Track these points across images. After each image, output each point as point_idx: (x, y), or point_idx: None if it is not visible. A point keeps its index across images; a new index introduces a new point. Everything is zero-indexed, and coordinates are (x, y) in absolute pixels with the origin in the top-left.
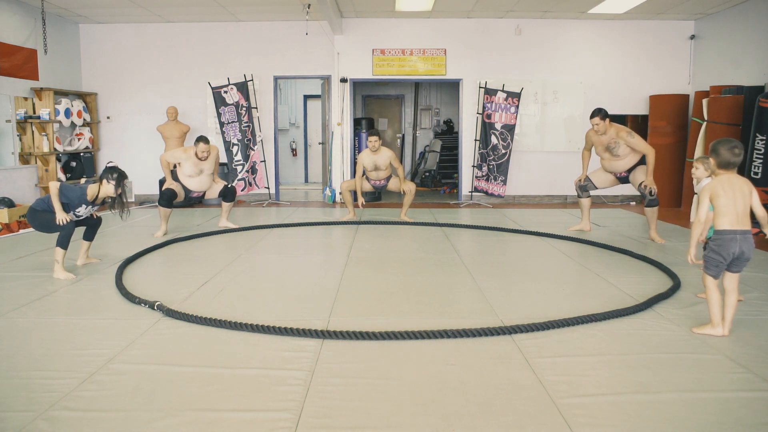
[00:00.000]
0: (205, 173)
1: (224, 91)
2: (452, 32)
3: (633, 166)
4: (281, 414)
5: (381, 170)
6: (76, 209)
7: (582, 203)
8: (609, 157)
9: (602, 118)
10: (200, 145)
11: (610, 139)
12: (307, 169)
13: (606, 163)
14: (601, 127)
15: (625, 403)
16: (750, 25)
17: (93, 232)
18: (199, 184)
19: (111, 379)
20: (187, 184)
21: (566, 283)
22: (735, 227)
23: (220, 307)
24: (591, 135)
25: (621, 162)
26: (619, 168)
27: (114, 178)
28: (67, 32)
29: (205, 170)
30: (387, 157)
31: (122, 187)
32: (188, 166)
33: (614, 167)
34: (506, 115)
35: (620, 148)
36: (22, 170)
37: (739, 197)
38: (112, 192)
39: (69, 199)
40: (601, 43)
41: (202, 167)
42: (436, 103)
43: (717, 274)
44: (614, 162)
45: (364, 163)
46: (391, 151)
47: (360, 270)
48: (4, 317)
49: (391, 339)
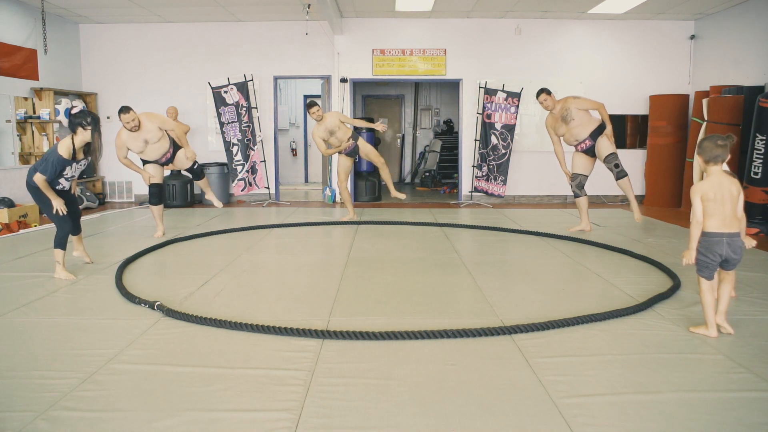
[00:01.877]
0: (152, 141)
1: (224, 91)
2: (452, 32)
3: (594, 132)
4: (281, 414)
5: (337, 133)
6: (63, 173)
7: (579, 203)
8: (567, 129)
9: (547, 94)
10: (121, 116)
11: (562, 109)
12: (307, 169)
13: (568, 136)
14: (549, 102)
15: (625, 403)
16: (750, 25)
17: (77, 224)
18: (156, 151)
19: (111, 379)
20: (147, 158)
21: (566, 283)
22: (722, 230)
23: (220, 307)
24: (548, 120)
25: (579, 128)
26: (581, 135)
27: (89, 122)
28: (67, 32)
29: (149, 139)
30: (334, 119)
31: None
32: (133, 145)
33: (576, 135)
34: (506, 115)
35: (571, 113)
36: (22, 170)
37: (728, 199)
38: (89, 137)
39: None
40: (600, 43)
41: (145, 137)
42: (436, 103)
43: (710, 276)
44: (574, 130)
45: (319, 134)
46: (335, 112)
47: (360, 270)
48: (4, 317)
49: (391, 339)
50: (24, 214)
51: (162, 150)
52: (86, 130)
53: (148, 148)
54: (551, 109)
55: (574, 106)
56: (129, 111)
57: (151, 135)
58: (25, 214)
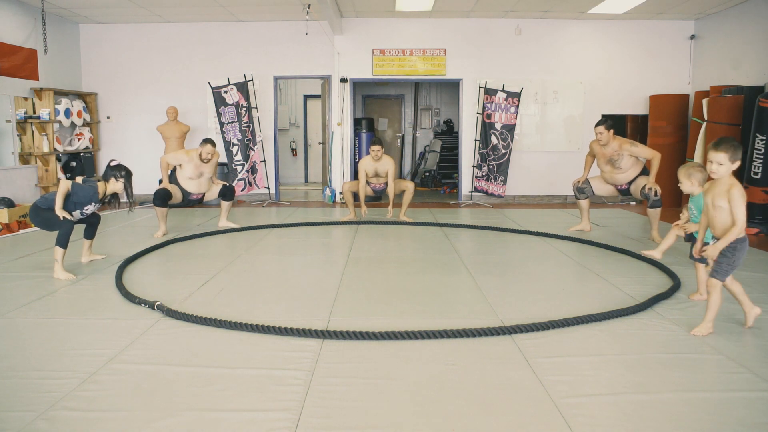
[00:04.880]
0: (205, 176)
1: (224, 91)
2: (452, 32)
3: (634, 178)
4: (281, 414)
5: (381, 177)
6: (85, 207)
7: (580, 204)
8: (610, 170)
9: (607, 128)
10: (207, 146)
11: (613, 151)
12: (307, 169)
13: (607, 176)
14: (604, 137)
15: (625, 403)
16: (750, 25)
17: (93, 230)
18: (198, 187)
19: (111, 379)
20: (186, 187)
21: (566, 283)
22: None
23: (220, 307)
24: (594, 145)
25: (622, 175)
26: (620, 181)
27: (122, 176)
28: (67, 32)
29: (205, 173)
30: (387, 166)
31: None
32: (189, 168)
33: (615, 180)
34: (506, 115)
35: (623, 160)
36: (22, 170)
37: None
38: (121, 189)
39: (80, 197)
40: (601, 43)
41: (203, 170)
42: (436, 103)
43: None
44: (615, 175)
45: (366, 169)
46: (392, 162)
47: (360, 270)
48: (4, 317)
49: (391, 339)
50: (24, 214)
51: (203, 189)
52: (118, 181)
53: (198, 181)
54: (604, 145)
55: (628, 153)
56: (215, 145)
57: (207, 171)
58: (25, 214)
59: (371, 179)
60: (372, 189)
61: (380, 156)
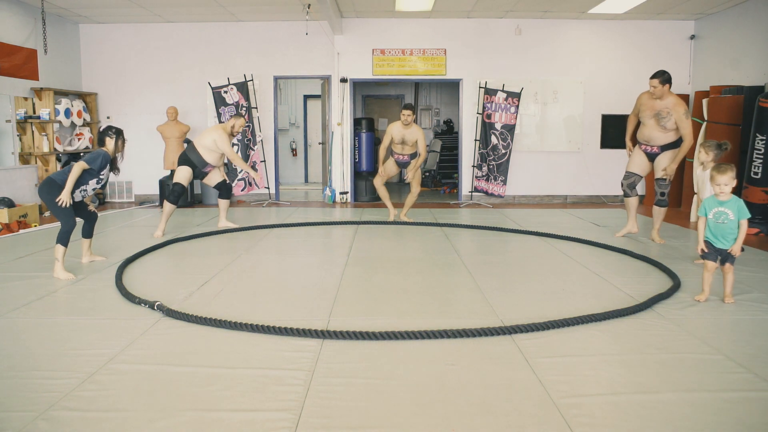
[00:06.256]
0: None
1: (224, 91)
2: (452, 32)
3: (666, 145)
4: (281, 414)
5: (407, 145)
6: (101, 173)
7: (629, 203)
8: (653, 125)
9: (662, 82)
10: (240, 120)
11: (664, 106)
12: (307, 169)
13: (647, 130)
14: (658, 91)
15: (625, 403)
16: (750, 25)
17: (91, 228)
18: (217, 160)
19: (111, 379)
20: (206, 157)
21: (566, 283)
22: None
23: (220, 307)
24: (644, 98)
25: (662, 135)
26: (657, 140)
27: (114, 132)
28: (67, 32)
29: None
30: (416, 135)
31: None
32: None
33: (653, 137)
34: (506, 115)
35: (670, 120)
36: (22, 170)
37: None
38: (113, 147)
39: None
40: (601, 43)
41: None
42: (436, 103)
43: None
44: (655, 132)
45: (393, 134)
46: (421, 131)
47: (360, 270)
48: (4, 317)
49: (391, 339)
50: (24, 214)
51: (218, 162)
52: (112, 139)
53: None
54: (657, 98)
55: (676, 118)
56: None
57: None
58: (25, 214)
59: (396, 146)
60: (396, 162)
61: (410, 122)
